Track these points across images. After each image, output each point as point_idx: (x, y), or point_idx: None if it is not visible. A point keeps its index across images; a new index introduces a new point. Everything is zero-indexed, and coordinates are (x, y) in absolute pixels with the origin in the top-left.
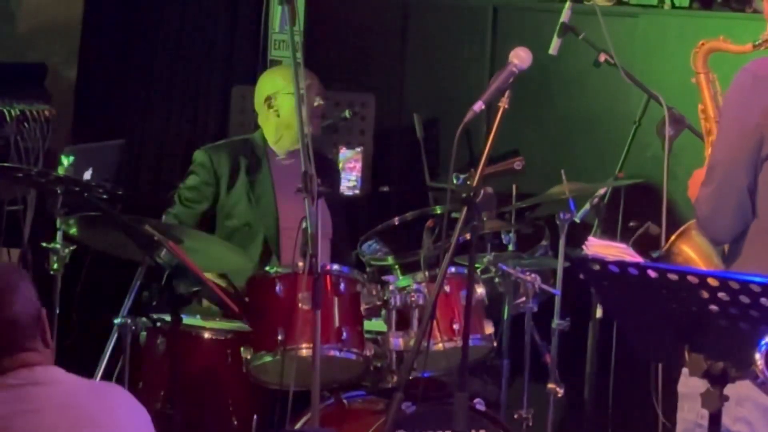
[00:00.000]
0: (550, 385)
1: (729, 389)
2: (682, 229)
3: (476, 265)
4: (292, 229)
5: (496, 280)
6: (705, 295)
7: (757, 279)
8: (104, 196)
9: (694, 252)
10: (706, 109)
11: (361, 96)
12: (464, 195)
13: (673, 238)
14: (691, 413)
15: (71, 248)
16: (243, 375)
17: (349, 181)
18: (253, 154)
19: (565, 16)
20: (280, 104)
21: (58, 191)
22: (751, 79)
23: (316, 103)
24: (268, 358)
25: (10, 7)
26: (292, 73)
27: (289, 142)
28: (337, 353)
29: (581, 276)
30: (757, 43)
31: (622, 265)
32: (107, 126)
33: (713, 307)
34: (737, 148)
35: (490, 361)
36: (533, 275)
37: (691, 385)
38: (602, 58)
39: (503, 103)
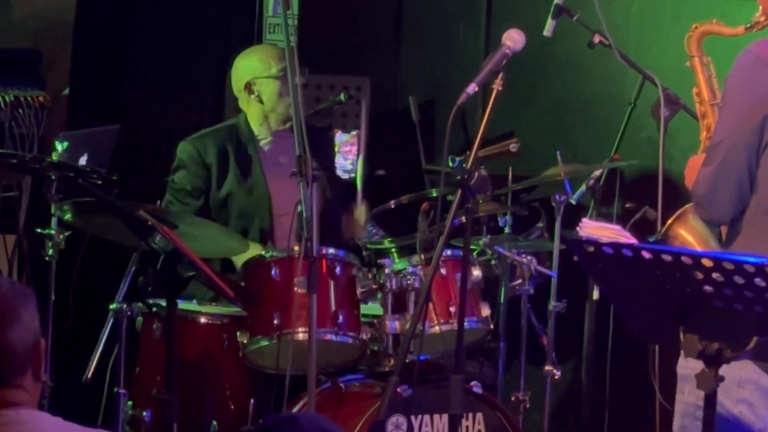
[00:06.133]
0: (547, 367)
1: (730, 371)
2: (678, 212)
3: (472, 248)
4: (286, 214)
5: (493, 262)
6: (699, 276)
7: (752, 259)
8: (99, 182)
9: (691, 235)
10: (701, 93)
11: (356, 79)
12: (458, 178)
13: (669, 222)
14: (691, 396)
15: (66, 234)
16: (239, 359)
17: (345, 164)
18: (239, 141)
19: None
20: (260, 89)
21: (53, 177)
22: (754, 61)
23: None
24: (264, 343)
25: None
26: (269, 54)
27: (274, 124)
28: (334, 337)
29: (575, 258)
30: (748, 25)
31: (616, 246)
32: (102, 111)
33: (708, 288)
34: (739, 129)
35: (486, 344)
36: (529, 257)
37: (690, 367)
38: (597, 39)
39: (497, 85)
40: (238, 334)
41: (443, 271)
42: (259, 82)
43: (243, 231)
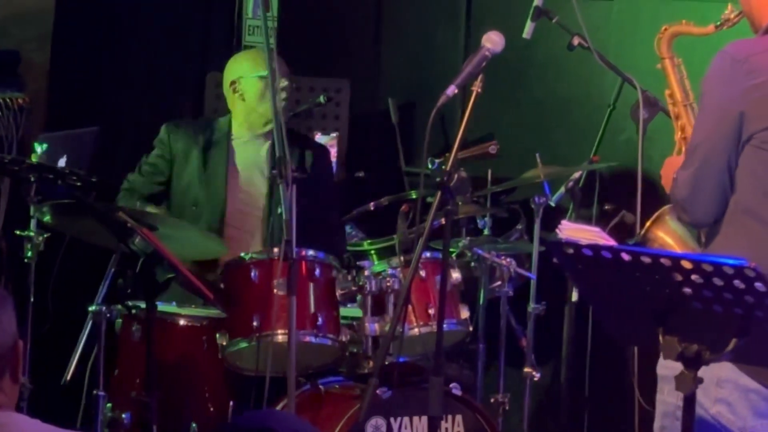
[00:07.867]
0: (527, 369)
1: (709, 370)
2: (656, 215)
3: (451, 250)
4: (240, 213)
5: (472, 264)
6: (678, 277)
7: (731, 261)
8: (78, 184)
9: (669, 237)
10: (673, 94)
11: (336, 81)
12: (438, 179)
13: (648, 224)
14: (671, 396)
15: (45, 236)
16: (219, 361)
17: None
18: (212, 136)
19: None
20: (244, 88)
21: (32, 179)
22: (730, 62)
23: (281, 84)
24: (243, 345)
25: None
26: (259, 56)
27: (256, 125)
28: (313, 339)
29: (555, 260)
30: (718, 23)
31: (595, 248)
32: (81, 113)
33: (687, 290)
34: (718, 131)
35: (466, 346)
36: (509, 259)
37: (670, 367)
38: (576, 41)
39: (476, 87)
40: (217, 336)
41: (422, 273)
42: (243, 81)
43: (193, 221)
